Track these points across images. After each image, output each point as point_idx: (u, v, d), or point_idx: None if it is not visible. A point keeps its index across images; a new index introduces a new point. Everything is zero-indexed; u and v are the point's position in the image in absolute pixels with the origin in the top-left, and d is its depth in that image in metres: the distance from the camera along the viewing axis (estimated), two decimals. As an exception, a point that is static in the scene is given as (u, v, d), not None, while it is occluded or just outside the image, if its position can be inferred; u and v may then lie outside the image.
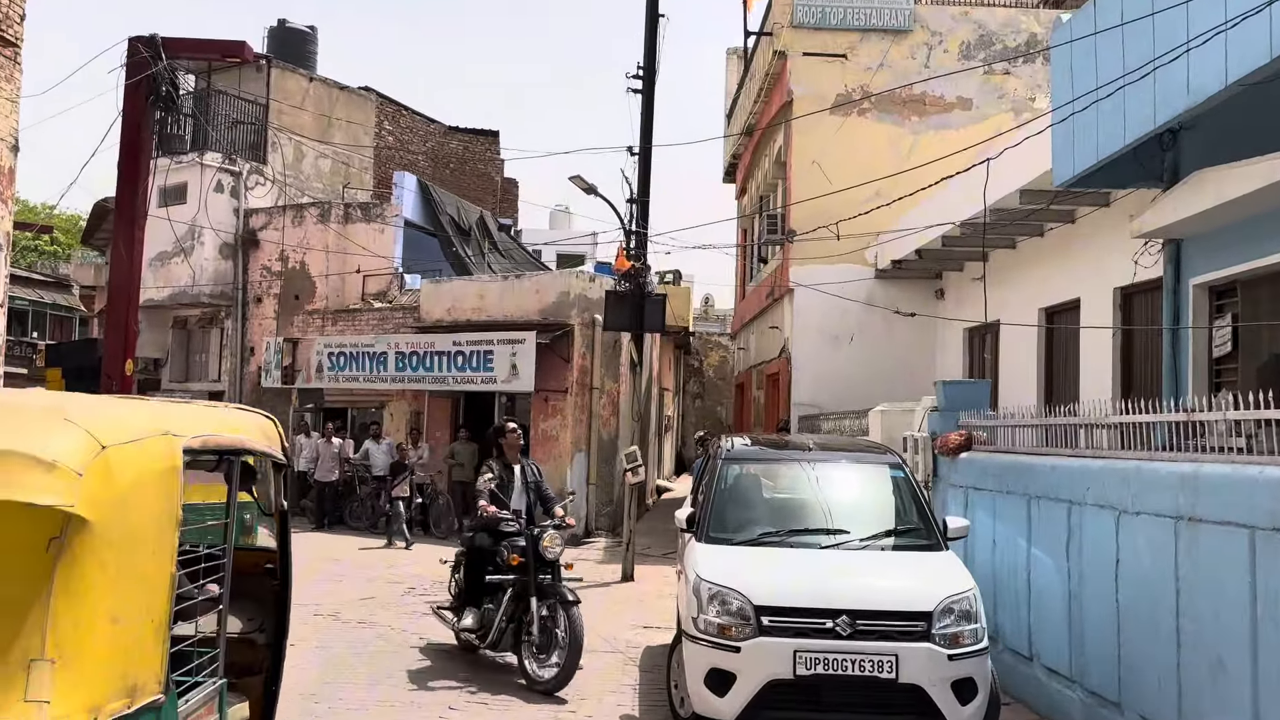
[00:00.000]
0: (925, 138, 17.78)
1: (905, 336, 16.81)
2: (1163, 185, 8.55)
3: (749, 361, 25.00)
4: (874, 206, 11.82)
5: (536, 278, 18.66)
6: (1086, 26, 7.91)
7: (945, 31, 18.00)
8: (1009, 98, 17.96)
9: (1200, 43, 5.85)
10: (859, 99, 17.65)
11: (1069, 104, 7.67)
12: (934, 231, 13.62)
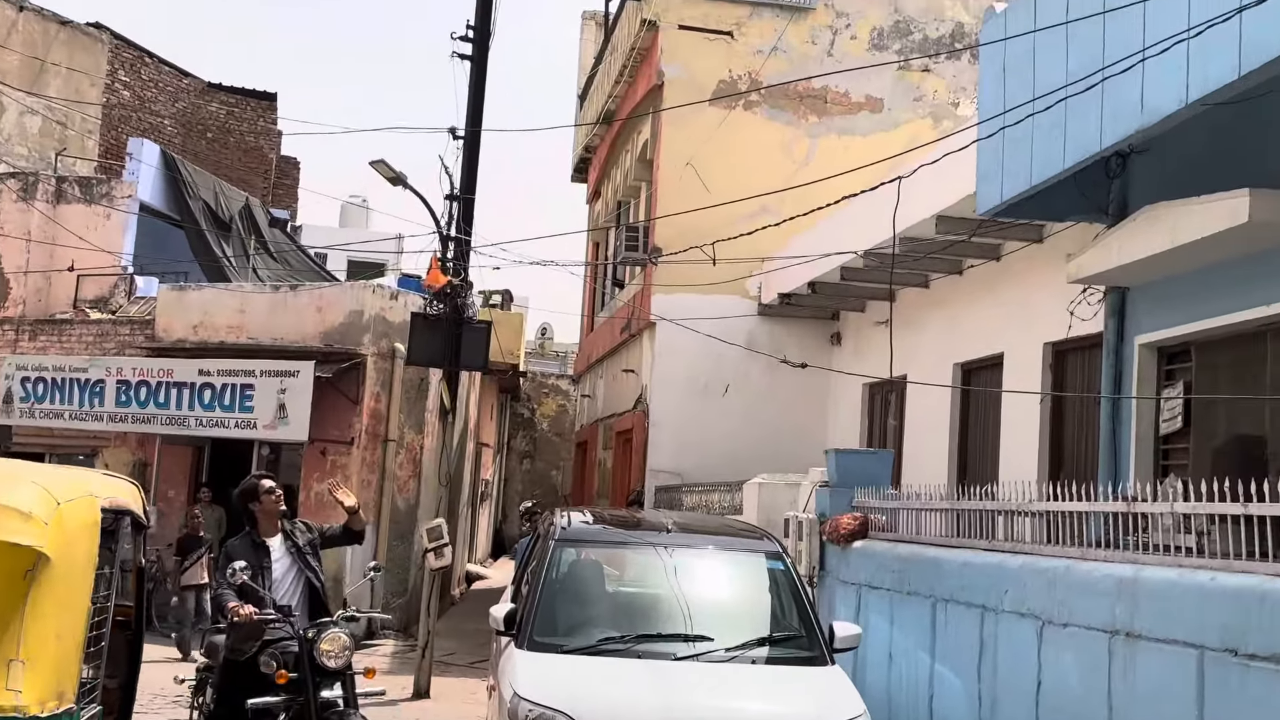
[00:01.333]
0: (825, 142, 18.37)
1: (793, 390, 17.19)
2: (1108, 220, 9.04)
3: (595, 413, 25.06)
4: (760, 226, 12.08)
5: (319, 290, 18.21)
6: (1025, 22, 8.33)
7: (854, 14, 18.71)
8: (927, 101, 18.78)
9: (1157, 52, 6.22)
10: (746, 89, 18.09)
11: (999, 116, 8.02)
12: (832, 261, 14.02)
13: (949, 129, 17.08)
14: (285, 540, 7.91)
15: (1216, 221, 7.23)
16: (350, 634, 7.62)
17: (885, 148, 17.76)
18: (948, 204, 11.05)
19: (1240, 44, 6.02)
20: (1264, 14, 5.59)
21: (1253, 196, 6.94)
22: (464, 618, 18.67)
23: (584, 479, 26.90)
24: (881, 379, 14.42)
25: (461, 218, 13.76)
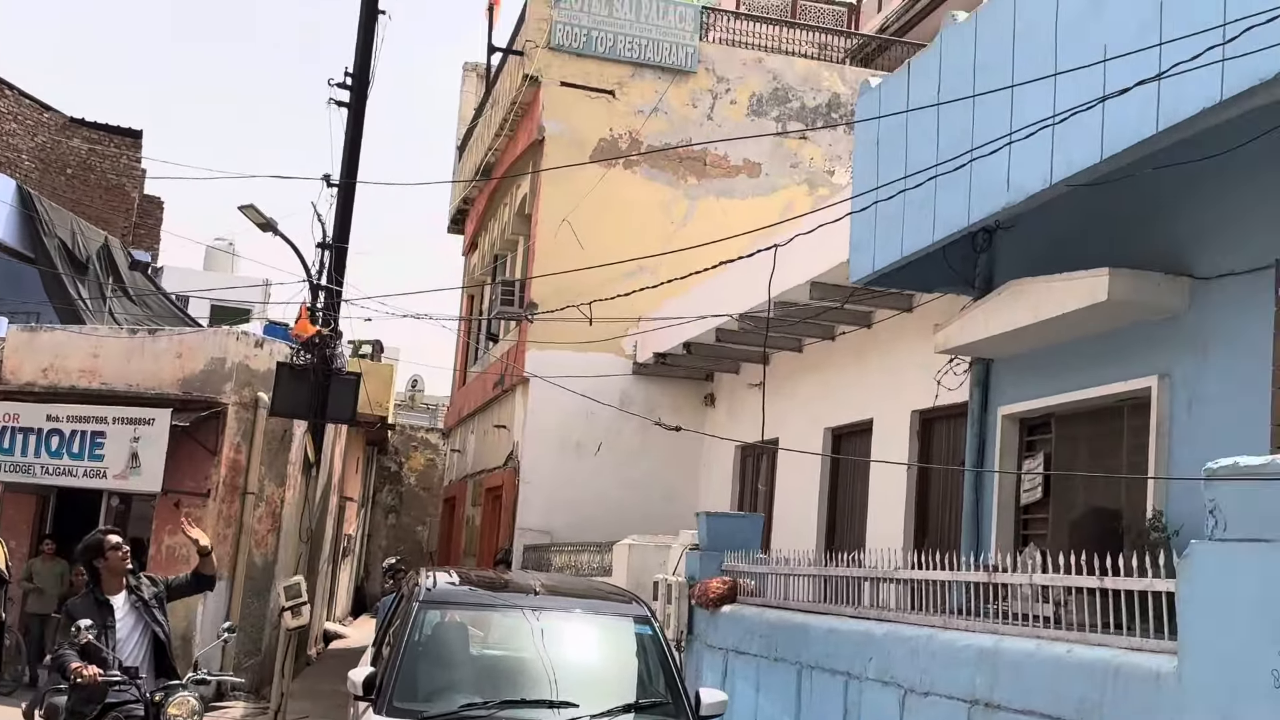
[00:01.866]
0: (704, 203, 18.67)
1: (666, 450, 17.27)
2: (974, 293, 9.34)
3: (465, 469, 24.83)
4: (639, 288, 12.21)
5: (179, 336, 17.74)
6: (898, 100, 8.61)
7: (734, 79, 19.11)
8: (804, 167, 19.23)
9: (1024, 136, 6.49)
10: (626, 148, 18.31)
11: (872, 191, 8.26)
12: (707, 323, 14.20)
13: (825, 196, 17.54)
14: (130, 596, 7.64)
15: (1077, 299, 7.52)
16: (199, 697, 7.39)
17: (762, 211, 18.19)
18: (822, 270, 11.30)
19: (1102, 130, 6.31)
20: (1125, 103, 5.88)
21: (1111, 276, 7.24)
22: (320, 678, 18.19)
23: (451, 536, 26.57)
24: (754, 442, 14.61)
25: (334, 266, 13.61)
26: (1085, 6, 6.58)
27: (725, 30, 19.76)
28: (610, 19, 18.50)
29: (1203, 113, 5.63)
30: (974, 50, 7.77)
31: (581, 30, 18.48)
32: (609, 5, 18.56)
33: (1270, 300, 6.38)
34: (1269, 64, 5.07)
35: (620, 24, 18.54)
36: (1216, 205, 7.00)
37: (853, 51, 21.37)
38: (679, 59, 18.78)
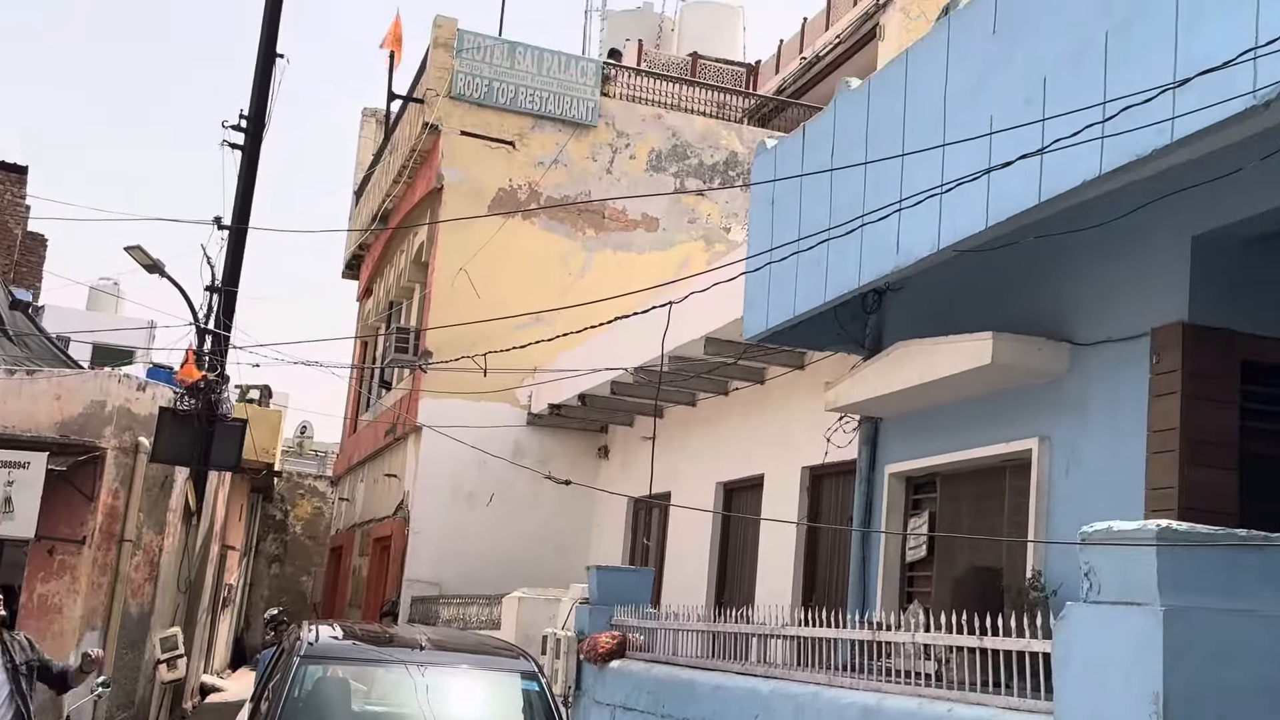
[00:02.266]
0: (601, 256, 18.78)
1: (558, 502, 17.21)
2: (864, 353, 9.52)
3: (353, 518, 24.43)
4: (535, 340, 12.21)
5: (58, 378, 17.20)
6: (793, 162, 8.79)
7: (634, 134, 19.32)
8: (701, 223, 19.47)
9: (913, 203, 6.67)
10: (525, 199, 18.37)
11: (767, 252, 8.40)
12: (602, 375, 14.24)
13: (721, 252, 17.76)
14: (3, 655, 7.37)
15: (962, 361, 7.71)
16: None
17: (660, 265, 18.36)
18: (717, 326, 11.43)
19: (988, 199, 6.51)
20: (1009, 174, 6.08)
21: (996, 339, 7.44)
22: (197, 733, 17.64)
23: (336, 587, 26.06)
24: (645, 496, 14.63)
25: (222, 310, 13.37)
26: (973, 80, 6.80)
27: (626, 86, 19.99)
28: (512, 71, 18.61)
29: (1082, 185, 5.84)
30: (867, 117, 7.97)
31: (483, 81, 18.54)
32: (511, 57, 18.67)
33: (1146, 368, 6.61)
34: (1145, 142, 5.29)
35: (522, 76, 18.65)
36: (1096, 274, 7.24)
37: (751, 111, 21.76)
38: (580, 113, 18.93)
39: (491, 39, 18.78)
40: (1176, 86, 4.92)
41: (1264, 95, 4.66)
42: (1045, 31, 6.17)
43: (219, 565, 21.78)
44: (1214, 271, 6.50)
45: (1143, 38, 5.43)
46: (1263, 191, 5.92)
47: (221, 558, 22.17)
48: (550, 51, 18.93)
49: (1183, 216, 6.41)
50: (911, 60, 7.57)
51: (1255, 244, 6.48)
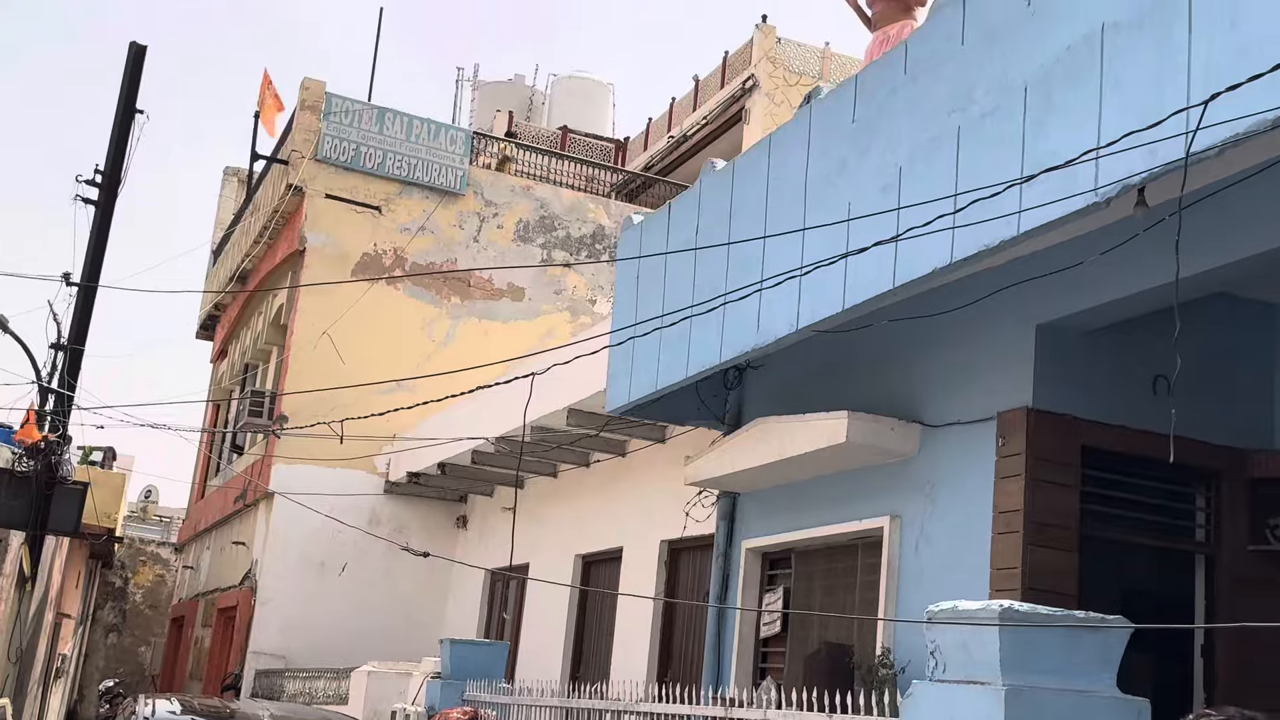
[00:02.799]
0: (466, 324, 18.70)
1: (414, 573, 16.92)
2: (724, 428, 9.63)
3: (198, 587, 23.63)
4: (395, 408, 12.05)
5: (-111, 434, 16.41)
6: (658, 238, 8.92)
7: (502, 204, 19.38)
8: (567, 294, 19.55)
9: (773, 284, 6.82)
10: (390, 264, 18.22)
11: (631, 327, 8.48)
12: (464, 445, 14.11)
13: (586, 324, 17.84)
14: None
15: (818, 439, 7.85)
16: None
17: (524, 334, 18.35)
18: (580, 398, 11.44)
19: (845, 282, 6.69)
20: (866, 259, 6.26)
21: (850, 419, 7.60)
22: (20, 814, 16.70)
23: (177, 658, 25.10)
24: (502, 569, 14.49)
25: (66, 369, 12.92)
26: (833, 166, 7.01)
27: (495, 157, 20.08)
28: (380, 136, 18.54)
29: (934, 272, 6.04)
30: (730, 197, 8.15)
31: (350, 145, 18.42)
32: (380, 122, 18.61)
33: (993, 450, 6.83)
34: (993, 233, 5.51)
35: (391, 142, 18.59)
36: (947, 358, 7.48)
37: (619, 186, 22.04)
38: (448, 181, 18.92)
39: (360, 104, 18.70)
40: (1023, 182, 5.15)
41: (1105, 194, 4.91)
42: (902, 123, 6.41)
43: (52, 634, 20.81)
44: (1057, 359, 6.77)
45: (993, 133, 5.67)
46: (1103, 284, 6.20)
47: (56, 626, 21.20)
48: (420, 119, 18.93)
49: (1029, 305, 6.67)
50: (774, 145, 7.78)
51: (1096, 334, 6.77)
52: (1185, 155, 4.23)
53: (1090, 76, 5.05)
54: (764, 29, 23.11)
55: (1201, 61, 4.51)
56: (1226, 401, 7.07)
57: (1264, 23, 4.26)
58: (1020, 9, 5.57)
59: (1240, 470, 6.99)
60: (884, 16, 8.42)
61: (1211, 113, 4.16)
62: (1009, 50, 5.61)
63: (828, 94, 7.37)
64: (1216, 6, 4.47)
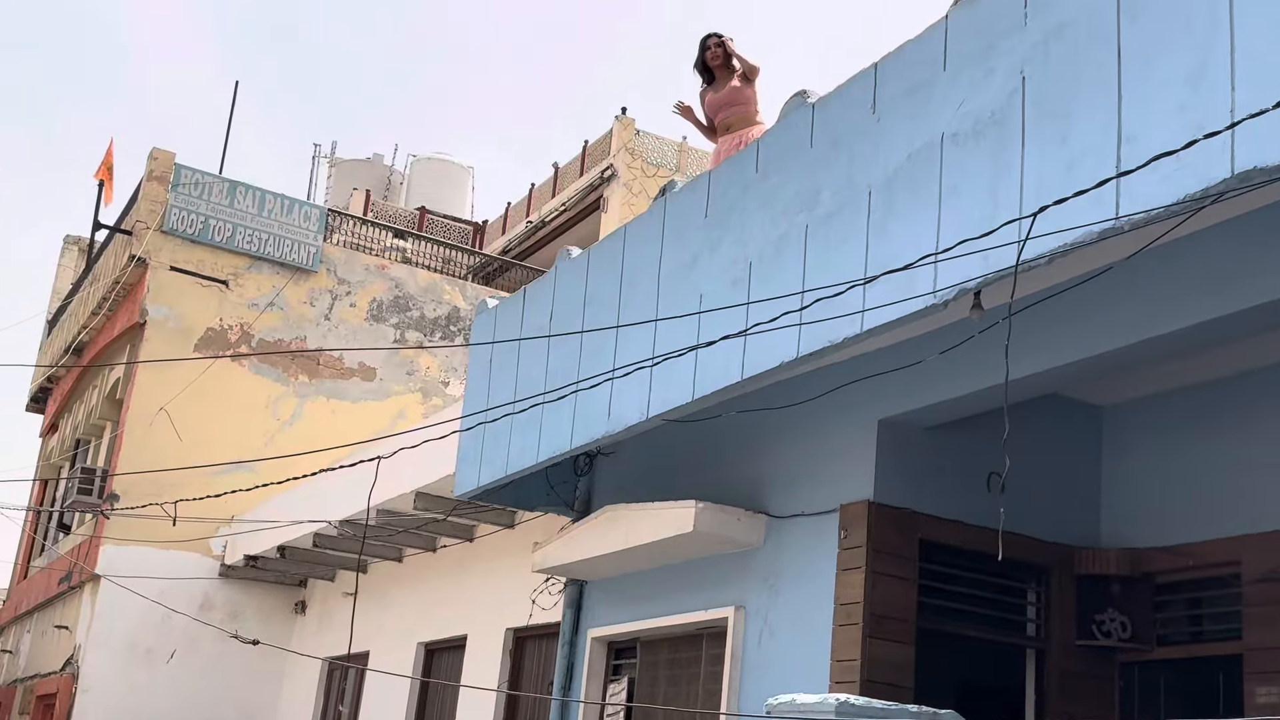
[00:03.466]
0: (313, 404, 18.36)
1: (248, 660, 16.33)
2: (574, 514, 9.62)
3: (16, 672, 22.43)
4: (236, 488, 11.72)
5: None
6: (513, 322, 8.95)
7: (356, 283, 19.20)
8: (419, 375, 19.38)
9: (625, 373, 6.90)
10: (236, 340, 17.84)
11: (484, 411, 8.45)
12: (305, 527, 13.78)
13: (438, 405, 17.69)
14: None
15: (666, 528, 7.90)
16: None
17: (374, 415, 18.10)
18: (428, 481, 11.30)
19: (695, 372, 6.80)
20: (715, 351, 6.38)
21: (698, 508, 7.67)
22: None
23: (-11, 750, 23.69)
24: (339, 657, 14.11)
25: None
26: (686, 259, 7.15)
27: (351, 234, 19.94)
28: (231, 209, 18.25)
29: (781, 366, 6.18)
30: (585, 285, 8.23)
31: (199, 217, 18.08)
32: (231, 196, 18.32)
33: (835, 543, 6.96)
34: (838, 330, 5.67)
35: (241, 215, 18.30)
36: (793, 450, 7.62)
37: (475, 269, 22.06)
38: (300, 257, 18.68)
39: (211, 176, 18.40)
40: (866, 282, 5.33)
41: (942, 296, 5.11)
42: (752, 219, 6.59)
43: None
44: (898, 454, 6.96)
45: (839, 233, 5.87)
46: (942, 383, 6.42)
47: None
48: (274, 193, 18.69)
49: (872, 401, 6.87)
50: (630, 235, 7.91)
51: (935, 431, 6.99)
52: (1016, 264, 4.44)
53: (930, 183, 5.28)
54: (623, 120, 23.56)
55: (1033, 174, 4.76)
56: (1057, 499, 7.35)
57: (1090, 140, 4.53)
58: (866, 116, 5.81)
59: (1069, 566, 7.25)
60: (733, 120, 8.68)
61: (1041, 224, 4.38)
62: (855, 155, 5.83)
63: (682, 188, 7.53)
64: (1047, 124, 4.73)
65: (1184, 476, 7.08)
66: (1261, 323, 5.21)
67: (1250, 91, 3.95)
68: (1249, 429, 6.75)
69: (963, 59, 5.23)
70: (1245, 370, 6.72)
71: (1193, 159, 4.01)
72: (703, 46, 8.79)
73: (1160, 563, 7.07)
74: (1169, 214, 4.19)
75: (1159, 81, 4.28)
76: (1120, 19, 4.49)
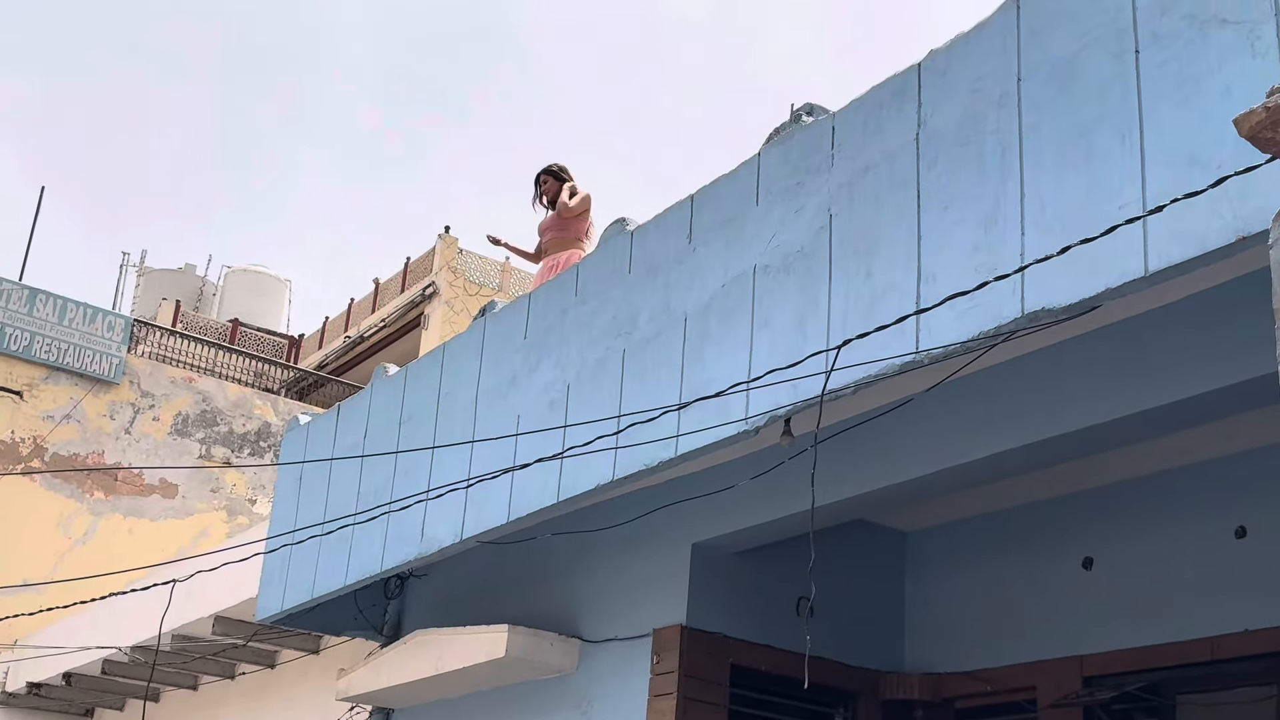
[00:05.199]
0: (109, 521, 17.54)
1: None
2: (383, 639, 9.34)
3: None
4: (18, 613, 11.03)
5: None
6: (325, 440, 8.76)
7: (161, 396, 18.56)
8: (225, 492, 18.74)
9: (439, 495, 6.81)
10: (28, 454, 16.98)
11: (291, 532, 8.21)
12: (94, 654, 13.05)
13: (244, 524, 17.09)
14: None
15: (478, 653, 7.74)
16: None
17: (175, 533, 17.37)
18: (228, 605, 10.85)
19: (511, 494, 6.75)
20: (532, 472, 6.37)
21: (510, 632, 7.55)
22: None
23: None
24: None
25: None
26: (504, 380, 7.15)
27: (157, 345, 19.35)
28: (30, 317, 17.51)
29: (597, 488, 6.19)
30: (401, 404, 8.13)
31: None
32: (30, 303, 17.60)
33: (648, 667, 6.93)
34: (652, 454, 5.73)
35: (40, 324, 17.58)
36: (609, 573, 7.60)
37: (290, 383, 21.59)
38: (102, 368, 17.99)
39: (10, 282, 17.66)
40: (680, 408, 5.42)
41: (754, 422, 5.23)
42: (570, 343, 6.65)
43: None
44: (711, 578, 7.01)
45: (655, 358, 5.97)
46: (754, 508, 6.53)
47: None
48: (75, 302, 18.03)
49: (686, 525, 6.92)
50: (448, 354, 7.88)
51: (747, 555, 7.08)
52: (821, 394, 4.59)
53: (743, 313, 5.43)
54: (446, 239, 23.64)
55: (839, 308, 4.95)
56: (863, 624, 7.50)
57: (892, 277, 4.74)
58: (682, 245, 5.97)
59: (874, 691, 7.37)
60: (554, 245, 8.85)
61: (847, 355, 4.55)
62: (671, 282, 5.97)
63: (503, 308, 7.56)
64: (852, 260, 4.94)
65: (982, 601, 7.32)
66: (1051, 454, 5.48)
67: (1039, 234, 4.21)
68: (1041, 556, 7.04)
69: (774, 195, 5.44)
70: (1036, 500, 7.05)
71: (986, 298, 4.24)
72: (536, 182, 9.16)
73: (960, 688, 7.25)
74: (965, 349, 4.40)
75: (954, 223, 4.53)
76: (919, 163, 4.75)
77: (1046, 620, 6.89)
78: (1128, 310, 4.71)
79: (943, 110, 4.71)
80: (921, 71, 4.86)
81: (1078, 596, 6.82)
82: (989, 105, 4.51)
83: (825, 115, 5.32)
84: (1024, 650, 6.92)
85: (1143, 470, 6.55)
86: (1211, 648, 6.05)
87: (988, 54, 4.58)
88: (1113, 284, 3.91)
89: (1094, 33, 4.19)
